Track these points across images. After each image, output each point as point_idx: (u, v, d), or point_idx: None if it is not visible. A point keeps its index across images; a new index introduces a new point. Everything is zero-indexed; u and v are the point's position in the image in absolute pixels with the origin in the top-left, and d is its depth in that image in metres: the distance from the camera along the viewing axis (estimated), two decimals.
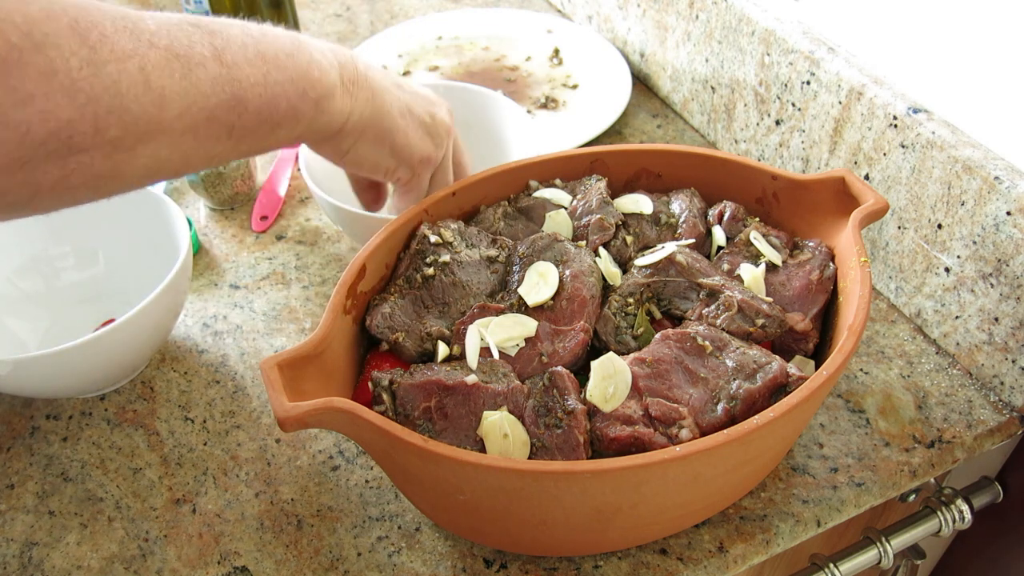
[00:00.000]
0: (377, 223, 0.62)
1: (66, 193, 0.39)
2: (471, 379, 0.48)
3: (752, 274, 0.54)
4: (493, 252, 0.57)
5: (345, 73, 0.50)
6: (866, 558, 0.58)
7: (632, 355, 0.50)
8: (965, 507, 0.59)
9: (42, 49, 0.35)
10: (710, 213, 0.60)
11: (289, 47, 0.47)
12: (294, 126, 0.48)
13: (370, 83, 0.53)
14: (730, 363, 0.49)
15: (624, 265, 0.57)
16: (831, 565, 0.56)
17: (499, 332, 0.51)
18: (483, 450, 0.46)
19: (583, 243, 0.56)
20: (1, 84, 0.34)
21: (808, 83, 0.69)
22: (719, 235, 0.58)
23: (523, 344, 0.51)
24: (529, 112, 0.90)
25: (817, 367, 0.53)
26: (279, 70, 0.46)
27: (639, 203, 0.60)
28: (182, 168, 0.44)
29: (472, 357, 0.50)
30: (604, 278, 0.55)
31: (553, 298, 0.53)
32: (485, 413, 0.47)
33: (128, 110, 0.38)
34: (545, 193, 0.60)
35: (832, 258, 0.56)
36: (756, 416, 0.43)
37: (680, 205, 0.60)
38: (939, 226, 0.61)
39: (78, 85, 0.36)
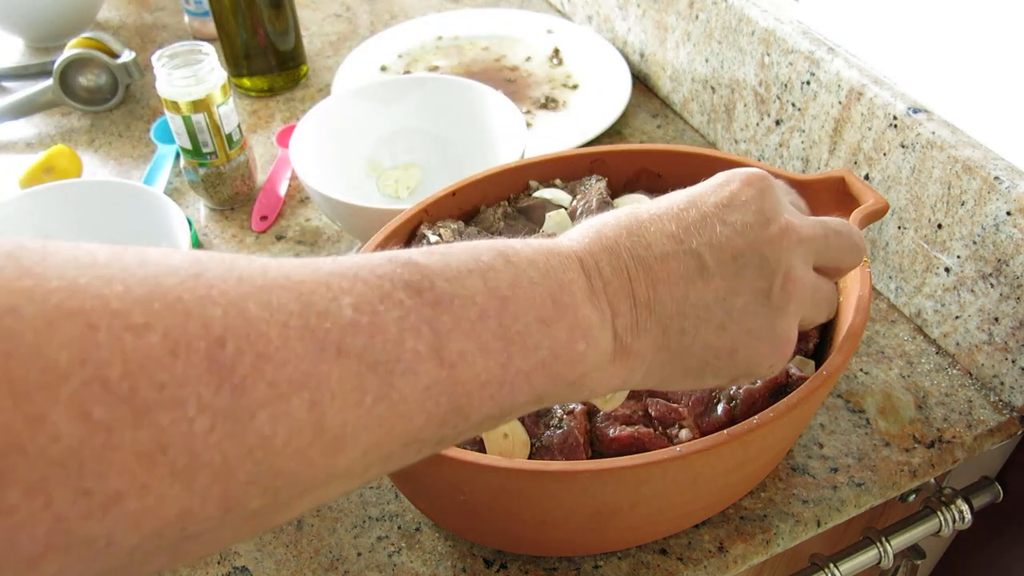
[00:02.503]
0: (375, 217, 0.62)
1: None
2: None
3: None
4: None
5: (622, 322, 0.34)
6: (866, 558, 0.58)
7: None
8: (965, 507, 0.59)
9: (148, 414, 0.21)
10: None
11: (548, 305, 0.31)
12: (525, 411, 0.32)
13: (657, 316, 0.35)
14: None
15: None
16: (831, 565, 0.56)
17: None
18: (483, 450, 0.46)
19: None
20: (63, 485, 0.19)
21: (808, 83, 0.69)
22: None
23: None
24: (529, 112, 0.90)
25: (817, 367, 0.53)
26: (525, 353, 0.30)
27: (639, 203, 0.60)
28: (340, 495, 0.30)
29: None
30: None
31: None
32: None
33: (281, 473, 0.24)
34: (545, 193, 0.60)
35: None
36: (756, 416, 0.43)
37: None
38: (939, 226, 0.61)
39: (201, 460, 0.22)
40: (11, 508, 0.19)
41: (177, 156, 0.83)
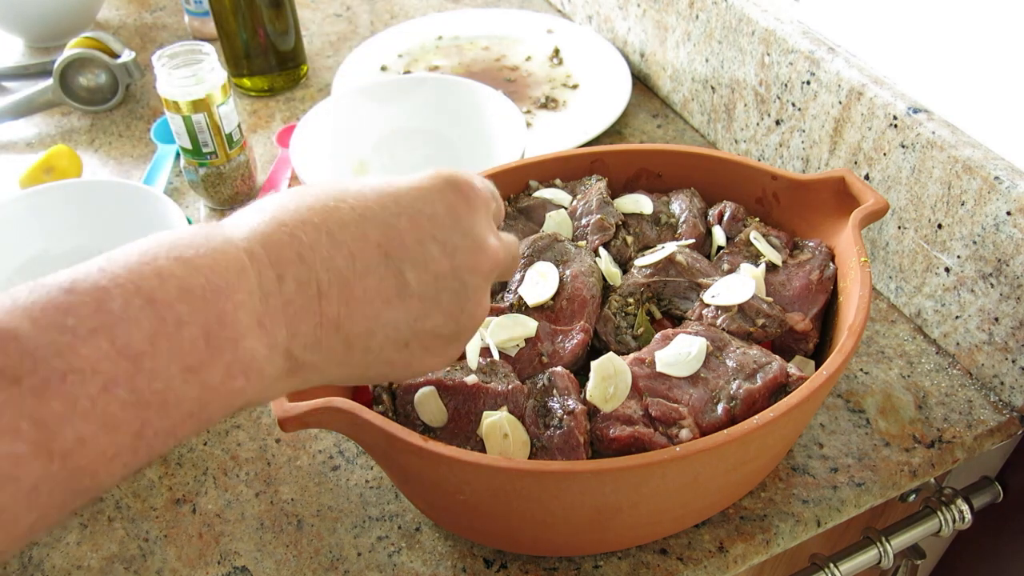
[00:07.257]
0: None
1: None
2: (471, 379, 0.48)
3: (752, 274, 0.54)
4: None
5: (299, 342, 0.32)
6: (866, 558, 0.58)
7: (632, 355, 0.50)
8: (965, 507, 0.59)
9: None
10: (710, 213, 0.60)
11: (200, 347, 0.28)
12: (193, 434, 0.30)
13: (344, 334, 0.33)
14: (730, 363, 0.49)
15: (624, 265, 0.57)
16: (831, 565, 0.56)
17: (499, 332, 0.51)
18: (483, 450, 0.46)
19: (583, 243, 0.56)
20: None
21: (808, 83, 0.69)
22: (719, 235, 0.58)
23: (523, 344, 0.51)
24: (529, 112, 0.90)
25: (817, 367, 0.53)
26: (165, 412, 0.27)
27: (639, 203, 0.60)
28: None
29: (472, 357, 0.50)
30: (604, 278, 0.55)
31: (553, 298, 0.53)
32: (485, 413, 0.47)
33: None
34: (545, 193, 0.60)
35: (832, 258, 0.56)
36: (756, 416, 0.43)
37: (680, 205, 0.60)
38: (939, 226, 0.61)
39: None
40: None
41: (177, 156, 0.83)
